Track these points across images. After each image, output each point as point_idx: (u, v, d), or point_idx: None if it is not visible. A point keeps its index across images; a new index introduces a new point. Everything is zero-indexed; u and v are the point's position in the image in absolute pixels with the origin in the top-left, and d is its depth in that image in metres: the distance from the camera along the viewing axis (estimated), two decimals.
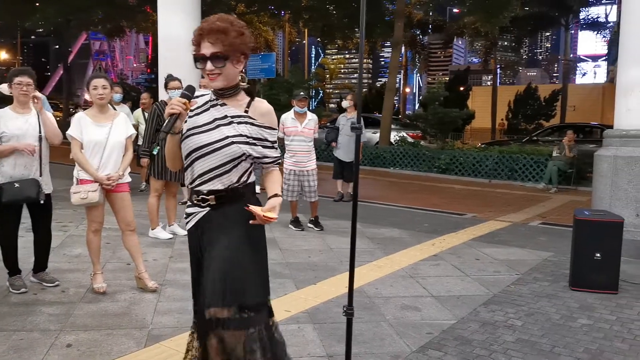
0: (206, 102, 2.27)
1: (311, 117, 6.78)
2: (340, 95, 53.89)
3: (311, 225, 6.87)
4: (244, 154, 2.20)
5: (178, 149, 2.27)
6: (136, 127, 8.30)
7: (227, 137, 2.18)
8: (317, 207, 6.89)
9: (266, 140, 2.25)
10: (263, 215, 2.14)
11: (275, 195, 2.26)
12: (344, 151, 9.10)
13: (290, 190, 6.75)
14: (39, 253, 4.30)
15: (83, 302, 4.02)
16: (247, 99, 2.28)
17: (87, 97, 5.12)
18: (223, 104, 2.24)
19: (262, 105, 2.28)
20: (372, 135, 16.17)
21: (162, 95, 7.80)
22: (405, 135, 16.65)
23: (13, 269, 4.15)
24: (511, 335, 3.66)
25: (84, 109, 4.78)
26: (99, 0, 20.49)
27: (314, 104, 53.23)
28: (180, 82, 6.23)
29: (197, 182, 2.24)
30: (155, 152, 5.98)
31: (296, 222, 6.83)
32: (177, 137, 2.24)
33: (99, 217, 4.16)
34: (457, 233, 6.84)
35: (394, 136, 16.92)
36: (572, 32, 37.22)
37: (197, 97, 2.28)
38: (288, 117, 6.76)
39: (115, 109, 6.10)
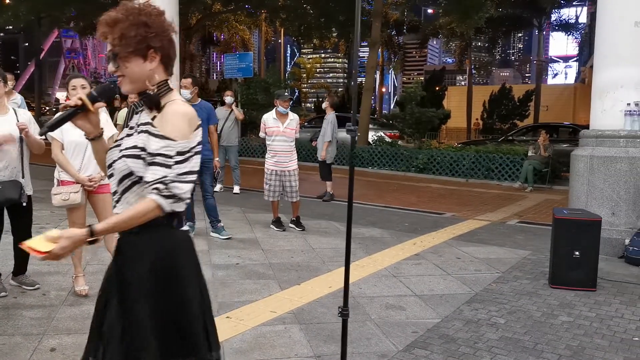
0: None
1: (293, 117, 6.77)
2: (317, 94, 53.97)
3: (292, 226, 6.87)
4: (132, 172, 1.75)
5: (101, 158, 1.90)
6: (122, 126, 8.21)
7: (120, 150, 1.79)
8: (299, 207, 6.89)
9: (147, 153, 1.71)
10: (28, 247, 1.60)
11: (90, 226, 1.67)
12: (319, 150, 9.23)
13: (271, 190, 6.74)
14: (18, 255, 4.21)
15: (65, 305, 3.95)
16: (169, 102, 1.80)
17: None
18: (142, 111, 1.85)
19: (170, 108, 1.76)
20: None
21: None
22: (382, 134, 16.73)
23: None
24: (495, 333, 3.71)
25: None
26: None
27: (290, 103, 53.09)
28: None
29: (114, 203, 1.86)
30: None
31: (277, 223, 6.82)
32: (96, 145, 1.89)
33: (81, 218, 4.09)
34: (437, 232, 6.91)
35: (371, 136, 17.01)
36: (544, 33, 37.89)
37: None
38: (270, 117, 6.75)
39: None
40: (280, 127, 6.66)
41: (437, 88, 26.91)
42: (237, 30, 32.33)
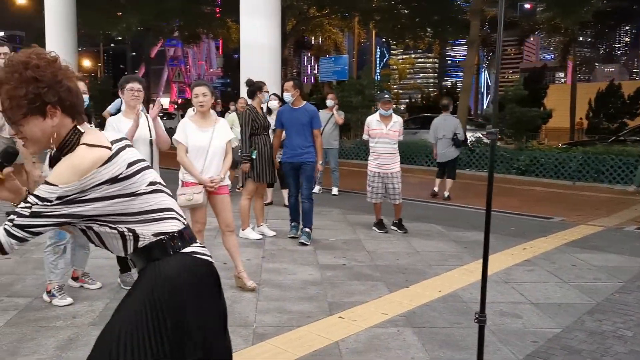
0: None
1: (396, 120, 6.75)
2: (408, 95, 53.34)
3: (394, 228, 6.85)
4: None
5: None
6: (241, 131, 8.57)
7: None
8: (401, 209, 6.86)
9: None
10: None
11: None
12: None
13: (374, 192, 6.76)
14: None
15: None
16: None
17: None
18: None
19: (64, 158, 1.59)
20: None
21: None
22: (481, 135, 16.22)
23: (124, 266, 4.38)
24: (623, 346, 3.50)
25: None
26: (179, 8, 21.32)
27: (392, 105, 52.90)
28: (265, 86, 6.37)
29: None
30: (254, 156, 6.05)
31: (380, 225, 6.82)
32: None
33: (202, 217, 4.33)
34: (547, 237, 6.60)
35: (469, 137, 16.53)
36: None
37: None
38: (373, 119, 6.77)
39: None
40: (383, 130, 6.66)
41: (537, 86, 25.66)
42: (331, 34, 32.72)
